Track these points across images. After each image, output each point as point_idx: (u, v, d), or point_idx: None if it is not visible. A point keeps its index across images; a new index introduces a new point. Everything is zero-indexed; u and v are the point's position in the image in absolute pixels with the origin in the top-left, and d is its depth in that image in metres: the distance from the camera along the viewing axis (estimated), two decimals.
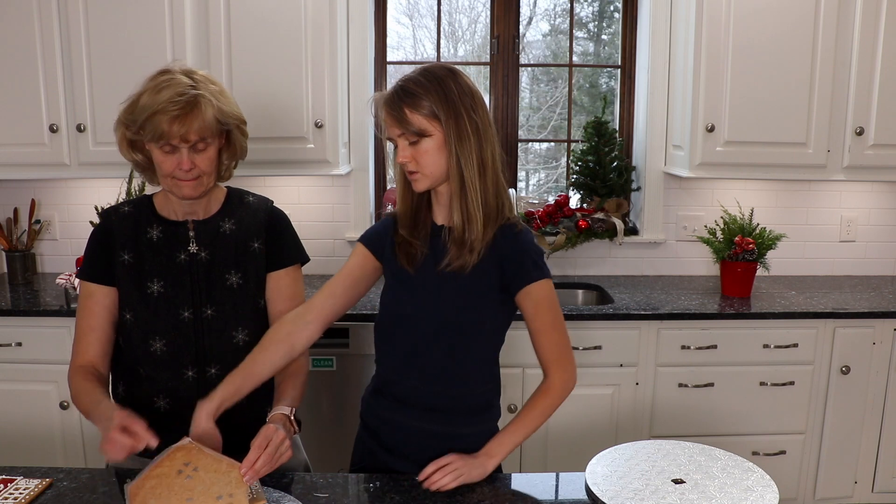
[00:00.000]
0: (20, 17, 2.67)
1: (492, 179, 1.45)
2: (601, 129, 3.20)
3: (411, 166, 1.43)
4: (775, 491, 1.33)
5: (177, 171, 1.46)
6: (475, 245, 1.43)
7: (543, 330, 1.48)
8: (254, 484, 1.30)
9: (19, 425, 2.69)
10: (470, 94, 1.42)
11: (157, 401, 1.55)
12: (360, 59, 3.07)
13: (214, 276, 1.55)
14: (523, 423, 1.48)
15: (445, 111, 1.39)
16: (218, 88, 1.49)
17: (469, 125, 1.41)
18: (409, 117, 1.39)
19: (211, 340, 1.55)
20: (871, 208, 3.30)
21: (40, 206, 3.18)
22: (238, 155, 1.59)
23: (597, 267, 3.28)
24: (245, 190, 1.68)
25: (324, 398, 2.67)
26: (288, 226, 1.67)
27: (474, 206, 1.42)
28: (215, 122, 1.45)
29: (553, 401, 1.49)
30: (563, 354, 1.50)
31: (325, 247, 3.18)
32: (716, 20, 2.75)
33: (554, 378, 1.49)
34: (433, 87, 1.40)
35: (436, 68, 1.44)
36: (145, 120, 1.41)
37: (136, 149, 1.49)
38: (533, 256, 1.48)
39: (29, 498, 1.38)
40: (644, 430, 2.75)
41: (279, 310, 1.60)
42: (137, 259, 1.54)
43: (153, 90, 1.42)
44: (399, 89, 1.41)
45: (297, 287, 1.64)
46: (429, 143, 1.41)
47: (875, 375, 2.76)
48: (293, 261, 1.64)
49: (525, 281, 1.46)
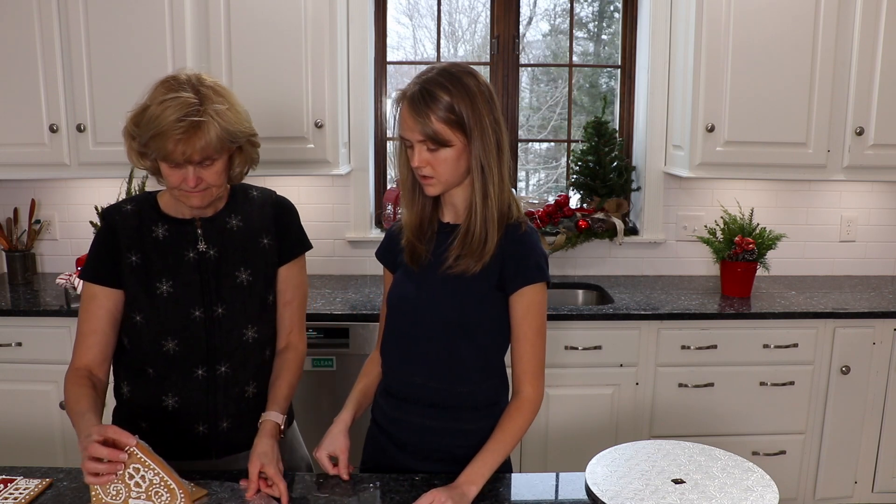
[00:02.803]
0: (20, 17, 2.67)
1: (506, 189, 1.45)
2: (601, 129, 3.20)
3: (426, 171, 1.41)
4: (775, 491, 1.33)
5: (183, 184, 1.45)
6: (487, 254, 1.43)
7: (528, 337, 1.47)
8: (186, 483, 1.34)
9: (19, 425, 2.70)
10: (492, 105, 1.41)
11: (165, 399, 1.55)
12: (360, 59, 3.07)
13: (224, 274, 1.55)
14: (501, 444, 1.44)
15: (471, 121, 1.37)
16: (225, 105, 1.44)
17: (493, 135, 1.40)
18: (435, 125, 1.36)
19: (221, 339, 1.55)
20: (871, 208, 3.30)
21: (40, 206, 3.17)
22: (252, 162, 1.58)
23: (597, 267, 3.28)
24: (248, 184, 1.67)
25: (324, 398, 2.67)
26: (294, 215, 1.67)
27: (494, 215, 1.42)
28: (219, 143, 1.43)
29: (529, 416, 1.47)
30: (540, 368, 1.48)
31: (325, 247, 3.18)
32: (716, 20, 2.75)
33: (528, 392, 1.47)
34: (459, 94, 1.37)
35: (459, 72, 1.40)
36: (150, 139, 1.40)
37: (145, 157, 1.47)
38: (537, 258, 1.47)
39: (29, 498, 1.38)
40: (644, 430, 2.75)
41: (286, 299, 1.62)
42: (145, 259, 1.53)
43: (159, 106, 1.39)
44: (425, 93, 1.37)
45: (303, 275, 1.67)
46: (448, 152, 1.39)
47: (875, 375, 2.76)
48: (300, 251, 1.66)
49: (524, 281, 1.45)
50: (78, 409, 1.41)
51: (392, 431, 1.57)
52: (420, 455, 1.53)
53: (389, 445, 1.57)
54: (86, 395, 1.45)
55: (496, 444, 1.44)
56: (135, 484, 1.28)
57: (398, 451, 1.56)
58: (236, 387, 1.57)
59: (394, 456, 1.56)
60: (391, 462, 1.56)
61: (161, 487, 1.28)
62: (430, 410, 1.52)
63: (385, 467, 1.56)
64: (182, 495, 1.29)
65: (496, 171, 1.41)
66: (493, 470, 1.42)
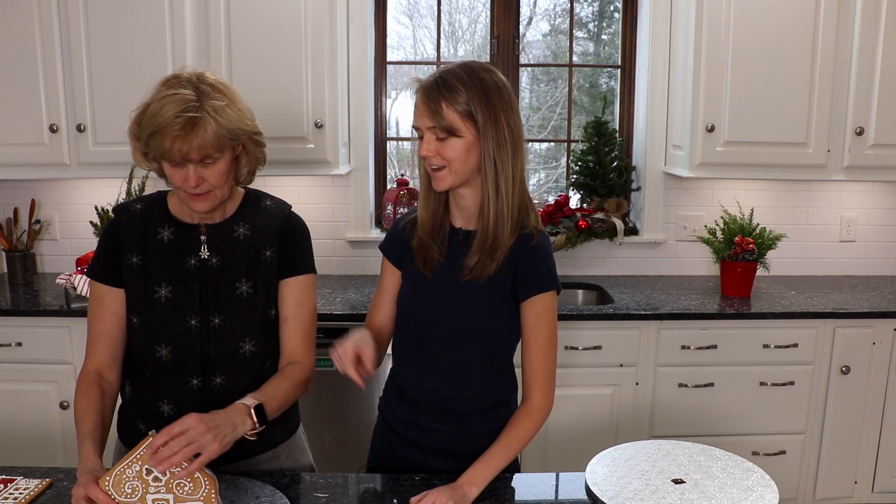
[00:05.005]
0: (20, 17, 2.67)
1: (520, 190, 1.44)
2: (601, 129, 3.20)
3: (435, 161, 1.40)
4: (775, 491, 1.33)
5: (185, 185, 1.43)
6: (499, 254, 1.42)
7: (539, 344, 1.47)
8: None
9: (19, 425, 2.69)
10: (510, 104, 1.40)
11: (161, 405, 1.53)
12: (360, 59, 3.07)
13: (224, 284, 1.52)
14: (506, 448, 1.44)
15: (484, 114, 1.37)
16: (223, 102, 1.41)
17: (507, 133, 1.39)
18: (445, 112, 1.36)
19: (217, 350, 1.51)
20: (871, 208, 3.30)
21: (40, 206, 3.17)
22: (258, 162, 1.55)
23: (597, 267, 3.28)
24: (263, 192, 1.63)
25: (324, 398, 2.67)
26: (303, 235, 1.61)
27: (507, 214, 1.41)
28: (217, 140, 1.40)
29: (536, 424, 1.47)
30: (550, 376, 1.48)
31: (326, 247, 3.18)
32: (716, 20, 2.75)
33: (538, 399, 1.47)
34: (475, 87, 1.37)
35: (480, 70, 1.40)
36: (149, 137, 1.39)
37: (150, 158, 1.45)
38: (549, 266, 1.47)
39: (29, 498, 1.39)
40: (644, 430, 2.75)
41: (285, 316, 1.57)
42: (146, 262, 1.51)
43: (158, 103, 1.38)
44: (440, 80, 1.37)
45: (307, 295, 1.60)
46: (457, 142, 1.38)
47: (875, 375, 2.76)
48: (302, 271, 1.59)
49: (535, 290, 1.45)
50: (81, 430, 1.41)
51: (401, 430, 1.57)
52: (429, 451, 1.54)
53: (399, 442, 1.58)
54: (92, 410, 1.44)
55: (501, 447, 1.44)
56: (153, 479, 1.25)
57: (408, 447, 1.56)
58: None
59: (403, 452, 1.56)
60: (400, 458, 1.56)
61: (183, 478, 1.26)
62: (441, 416, 1.52)
63: (393, 465, 1.57)
64: (207, 483, 1.26)
65: (510, 169, 1.40)
66: (496, 473, 1.42)
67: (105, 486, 1.25)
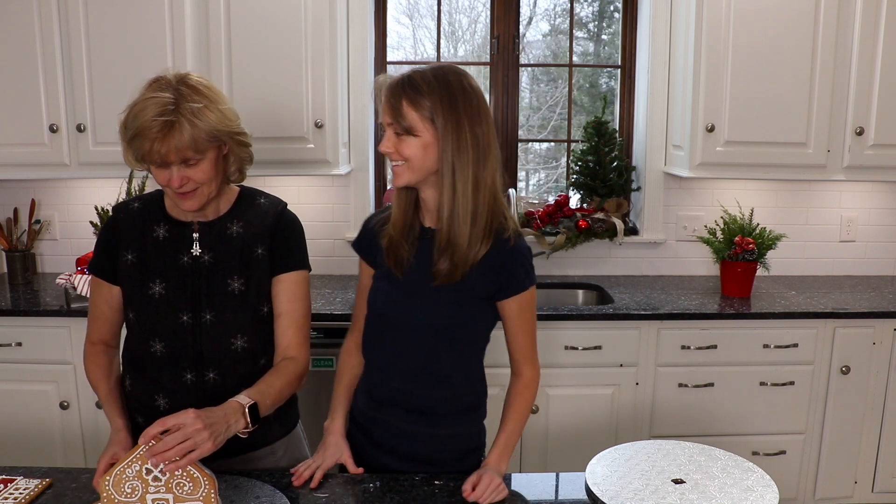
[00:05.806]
0: (20, 17, 2.67)
1: (487, 200, 1.42)
2: (601, 129, 3.20)
3: (394, 157, 1.41)
4: (775, 491, 1.33)
5: (170, 184, 1.45)
6: (459, 260, 1.42)
7: (525, 330, 1.53)
8: None
9: (19, 425, 2.69)
10: (477, 110, 1.40)
11: (157, 399, 1.55)
12: (360, 59, 3.07)
13: (216, 281, 1.54)
14: (517, 422, 1.54)
15: (445, 117, 1.37)
16: (201, 104, 1.41)
17: (470, 138, 1.38)
18: (405, 111, 1.37)
19: (209, 345, 1.53)
20: (871, 208, 3.30)
21: (40, 206, 3.18)
22: (244, 161, 1.56)
23: (597, 267, 3.28)
24: (259, 190, 1.64)
25: (324, 398, 2.66)
26: (295, 232, 1.62)
27: (462, 217, 1.40)
28: (194, 143, 1.41)
29: (532, 394, 1.56)
30: (534, 350, 1.56)
31: (325, 247, 3.18)
32: (716, 20, 2.75)
33: (528, 373, 1.55)
34: (439, 90, 1.37)
35: (450, 73, 1.40)
36: (130, 140, 1.41)
37: (136, 159, 1.47)
38: (525, 265, 1.49)
39: (29, 498, 1.39)
40: (644, 430, 2.75)
41: (279, 311, 1.58)
42: (141, 259, 1.54)
43: (140, 105, 1.40)
44: (406, 80, 1.38)
45: (300, 291, 1.59)
46: (414, 141, 1.38)
47: (875, 375, 2.76)
48: (293, 267, 1.59)
49: (517, 290, 1.48)
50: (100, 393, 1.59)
51: (369, 430, 1.58)
52: (396, 454, 1.55)
53: (366, 444, 1.58)
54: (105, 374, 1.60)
55: (513, 423, 1.53)
56: (153, 479, 1.25)
57: (375, 449, 1.57)
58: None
59: (371, 454, 1.57)
60: (368, 460, 1.57)
61: (183, 478, 1.26)
62: (409, 415, 1.53)
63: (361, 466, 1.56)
64: (206, 482, 1.27)
65: (470, 173, 1.39)
66: (515, 445, 1.54)
67: (105, 486, 1.26)
